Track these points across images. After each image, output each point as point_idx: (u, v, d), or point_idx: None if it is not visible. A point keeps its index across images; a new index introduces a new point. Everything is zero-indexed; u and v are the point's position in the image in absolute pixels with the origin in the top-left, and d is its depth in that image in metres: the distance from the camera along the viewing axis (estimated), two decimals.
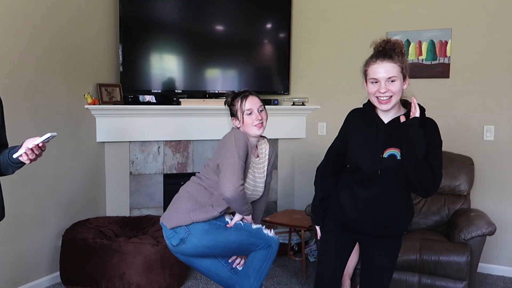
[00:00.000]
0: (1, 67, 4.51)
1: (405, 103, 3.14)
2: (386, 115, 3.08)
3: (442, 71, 5.79)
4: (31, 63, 4.79)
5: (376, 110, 3.13)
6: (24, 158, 2.80)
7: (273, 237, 3.57)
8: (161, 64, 6.12)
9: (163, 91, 6.05)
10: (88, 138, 5.52)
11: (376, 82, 2.98)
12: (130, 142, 5.82)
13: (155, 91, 6.01)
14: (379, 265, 3.28)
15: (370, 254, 3.27)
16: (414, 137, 2.91)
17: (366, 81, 3.08)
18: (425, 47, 5.86)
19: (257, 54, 6.49)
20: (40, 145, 2.79)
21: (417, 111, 2.96)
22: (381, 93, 2.95)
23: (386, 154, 3.03)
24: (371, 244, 3.23)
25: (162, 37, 6.02)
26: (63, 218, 5.24)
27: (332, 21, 6.41)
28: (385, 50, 3.01)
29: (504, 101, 5.54)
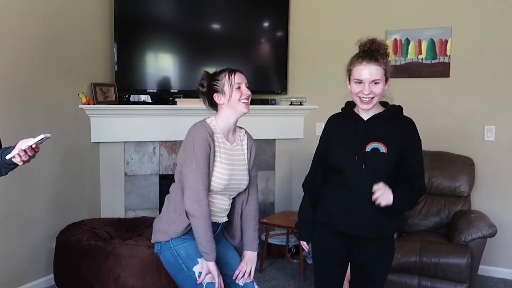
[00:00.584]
0: None
1: (383, 103, 3.23)
2: (365, 113, 3.16)
3: (442, 70, 5.80)
4: (24, 62, 4.78)
5: (355, 109, 3.22)
6: (17, 159, 2.79)
7: None
8: (157, 63, 6.12)
9: (158, 90, 6.05)
10: (82, 138, 5.52)
11: (360, 82, 3.05)
12: (125, 142, 5.81)
13: (150, 90, 6.01)
14: (373, 269, 3.26)
15: (362, 257, 3.25)
16: (402, 209, 3.13)
17: (349, 80, 3.15)
18: (424, 46, 5.87)
19: (254, 53, 6.49)
20: (33, 147, 2.78)
21: (383, 198, 2.94)
22: (364, 94, 3.03)
23: (368, 148, 3.08)
24: (363, 247, 3.21)
25: (157, 36, 6.02)
26: (57, 219, 5.23)
27: (330, 19, 6.42)
28: (371, 50, 3.08)
29: (505, 100, 5.55)
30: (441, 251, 4.63)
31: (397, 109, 3.19)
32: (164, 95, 6.07)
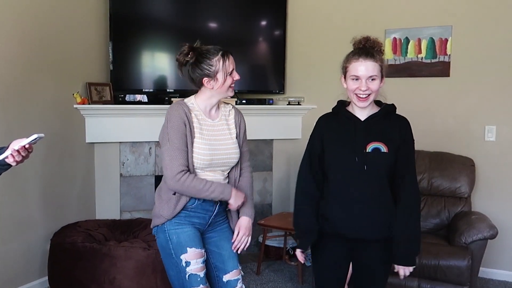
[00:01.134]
0: None
1: (377, 102, 3.24)
2: (362, 113, 3.17)
3: (442, 70, 5.80)
4: (18, 61, 4.77)
5: (348, 108, 3.23)
6: (10, 160, 2.79)
7: None
8: (153, 62, 6.11)
9: (154, 90, 6.04)
10: (77, 138, 5.51)
11: (357, 79, 3.07)
12: (120, 143, 5.81)
13: (146, 90, 6.00)
14: (376, 270, 3.26)
15: (365, 259, 3.25)
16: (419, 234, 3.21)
17: (345, 77, 3.17)
18: (424, 45, 5.87)
19: (251, 52, 6.49)
20: (26, 147, 2.78)
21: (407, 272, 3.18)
22: (361, 90, 3.05)
23: (369, 148, 3.09)
24: (366, 248, 3.21)
25: (153, 34, 6.01)
26: (51, 221, 5.23)
27: (328, 18, 6.41)
28: (366, 48, 3.12)
29: (506, 100, 5.55)
30: (441, 253, 4.63)
31: (391, 107, 3.22)
32: (160, 95, 6.06)
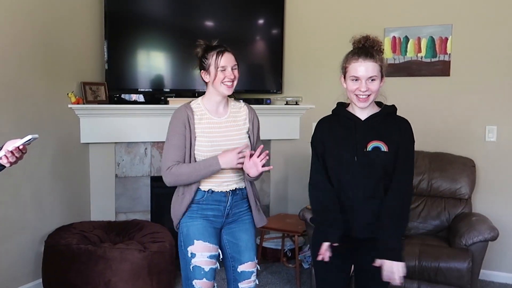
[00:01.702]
0: None
1: (377, 102, 3.26)
2: (362, 113, 3.19)
3: (442, 69, 5.81)
4: (11, 60, 4.77)
5: (349, 108, 3.25)
6: (4, 161, 2.79)
7: None
8: (148, 61, 6.11)
9: (150, 89, 6.04)
10: (71, 139, 5.50)
11: (356, 80, 3.09)
12: (115, 143, 5.80)
13: (142, 90, 6.00)
14: (377, 271, 3.26)
15: (368, 259, 3.25)
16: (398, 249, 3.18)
17: (344, 77, 3.19)
18: (424, 43, 5.87)
19: (248, 51, 6.48)
20: (20, 148, 2.78)
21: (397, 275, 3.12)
22: (361, 91, 3.07)
23: (369, 147, 3.12)
24: (369, 248, 3.21)
25: (149, 33, 6.00)
26: (46, 222, 5.22)
27: (327, 16, 6.42)
28: (365, 47, 3.13)
29: (507, 100, 5.56)
30: (441, 255, 4.64)
31: (392, 108, 3.24)
32: (156, 95, 6.06)
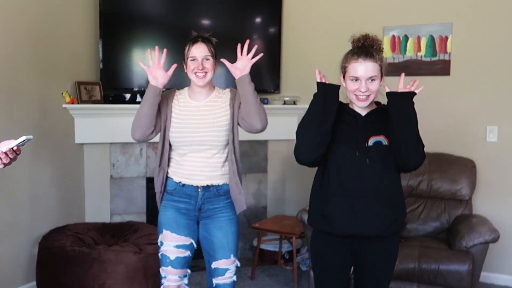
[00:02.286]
0: None
1: (376, 102, 3.29)
2: (362, 109, 3.21)
3: (442, 68, 5.82)
4: (4, 59, 4.76)
5: (350, 105, 3.27)
6: None
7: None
8: (144, 60, 6.05)
9: (146, 89, 6.01)
10: (66, 139, 5.50)
11: (356, 80, 3.10)
12: (111, 143, 5.80)
13: (137, 89, 5.99)
14: (380, 271, 3.27)
15: (368, 259, 3.26)
16: (412, 110, 3.13)
17: (344, 77, 3.21)
18: (424, 42, 5.88)
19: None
20: (14, 149, 2.78)
21: (412, 87, 3.18)
22: (361, 92, 3.08)
23: (371, 142, 3.14)
24: (370, 248, 3.22)
25: (145, 32, 5.99)
26: (40, 224, 5.22)
27: (325, 15, 6.42)
28: (365, 46, 3.14)
29: (508, 100, 5.57)
30: (441, 257, 4.65)
31: None
32: None
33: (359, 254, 3.25)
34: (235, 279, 3.73)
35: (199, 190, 3.61)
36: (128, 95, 6.04)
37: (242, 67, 3.58)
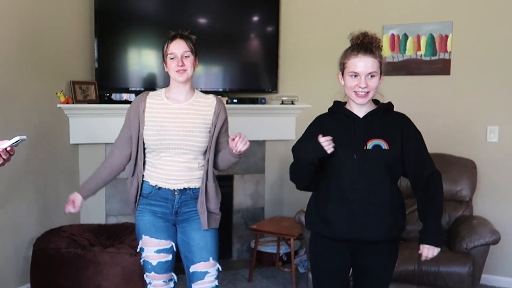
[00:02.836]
0: None
1: (374, 101, 3.28)
2: (359, 110, 3.20)
3: (442, 68, 5.81)
4: None
5: (347, 106, 3.26)
6: None
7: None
8: (140, 60, 6.10)
9: (142, 89, 6.02)
10: (61, 139, 5.50)
11: (355, 76, 3.10)
12: (106, 144, 5.78)
13: (133, 89, 5.99)
14: (379, 274, 3.27)
15: (368, 263, 3.26)
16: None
17: (343, 74, 3.20)
18: (424, 41, 5.88)
19: (243, 49, 6.48)
20: (8, 149, 2.78)
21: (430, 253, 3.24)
22: (360, 88, 3.08)
23: (370, 145, 3.11)
24: (369, 251, 3.22)
25: (141, 31, 5.99)
26: (34, 225, 5.22)
27: (323, 13, 6.42)
28: (364, 43, 3.14)
29: (509, 99, 5.57)
30: (441, 259, 4.61)
31: (389, 105, 3.25)
32: None
33: (359, 255, 3.25)
34: (217, 284, 3.66)
35: (176, 193, 3.59)
36: (123, 95, 6.03)
37: (240, 150, 3.48)
